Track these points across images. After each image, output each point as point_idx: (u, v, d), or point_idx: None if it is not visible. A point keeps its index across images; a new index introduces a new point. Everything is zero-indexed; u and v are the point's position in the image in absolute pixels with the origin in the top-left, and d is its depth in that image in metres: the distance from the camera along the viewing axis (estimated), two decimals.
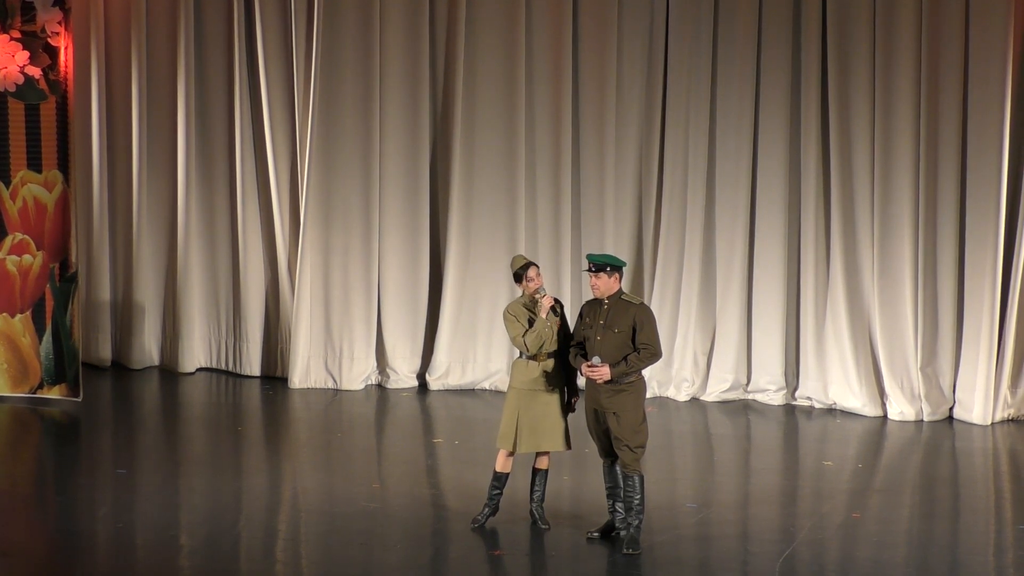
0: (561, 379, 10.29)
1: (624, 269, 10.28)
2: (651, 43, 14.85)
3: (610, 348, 9.93)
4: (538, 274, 10.29)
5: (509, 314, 10.33)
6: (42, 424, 13.56)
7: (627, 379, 9.95)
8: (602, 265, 10.02)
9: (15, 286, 13.87)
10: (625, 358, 9.89)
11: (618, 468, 10.09)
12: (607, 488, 10.20)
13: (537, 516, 10.39)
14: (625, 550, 9.88)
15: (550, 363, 10.25)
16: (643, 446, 9.99)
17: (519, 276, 10.31)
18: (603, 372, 9.88)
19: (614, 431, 9.96)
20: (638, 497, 9.94)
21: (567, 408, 10.34)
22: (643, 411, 10.04)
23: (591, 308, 10.16)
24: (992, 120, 13.81)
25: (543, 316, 10.17)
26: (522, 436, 10.26)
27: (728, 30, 14.64)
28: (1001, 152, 13.78)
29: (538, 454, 10.40)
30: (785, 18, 14.50)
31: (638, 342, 9.93)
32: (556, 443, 10.30)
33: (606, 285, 10.04)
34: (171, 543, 9.98)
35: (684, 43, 14.73)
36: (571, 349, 10.20)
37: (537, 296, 10.23)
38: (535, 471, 10.43)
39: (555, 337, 10.22)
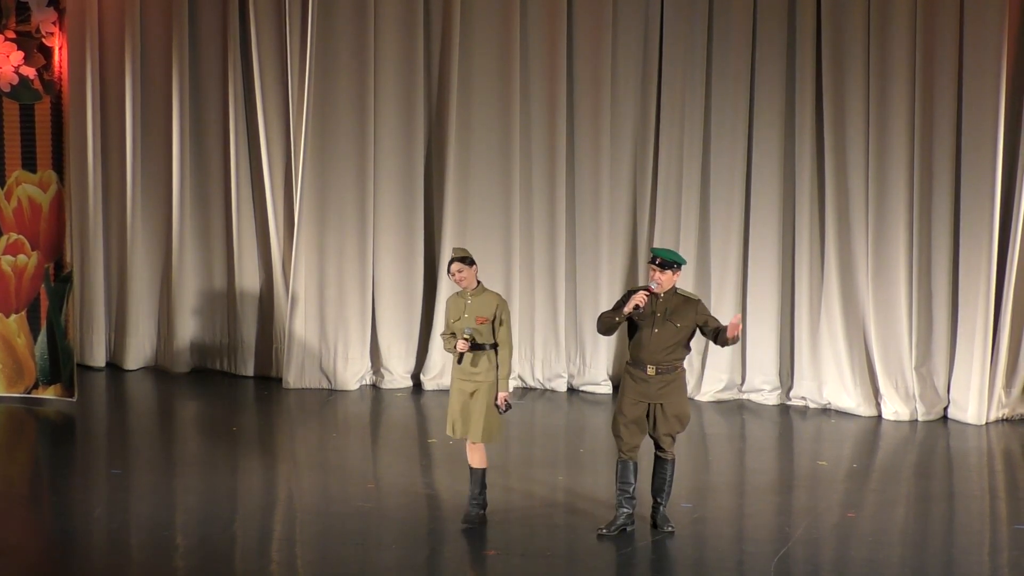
0: (491, 373, 10.38)
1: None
2: (646, 42, 14.85)
3: (664, 342, 10.19)
4: (460, 270, 10.35)
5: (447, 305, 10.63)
6: (37, 424, 13.56)
7: (675, 371, 10.24)
8: (669, 263, 10.25)
9: (10, 286, 13.87)
10: (725, 339, 10.15)
11: (631, 465, 10.25)
12: (619, 486, 10.28)
13: (471, 515, 10.43)
14: (666, 529, 10.32)
15: (473, 356, 10.36)
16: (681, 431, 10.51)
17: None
18: (737, 323, 10.08)
19: (661, 423, 10.26)
20: (670, 481, 10.39)
21: (495, 404, 10.42)
22: (687, 400, 10.47)
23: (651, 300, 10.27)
24: (986, 120, 13.80)
25: (456, 347, 10.34)
26: (457, 423, 10.48)
27: (723, 28, 14.64)
28: (995, 151, 13.77)
29: (468, 452, 10.51)
30: (780, 16, 14.50)
31: (710, 328, 10.26)
32: (475, 434, 10.39)
33: (670, 281, 10.30)
34: (166, 543, 9.98)
35: (679, 42, 14.73)
36: (608, 313, 10.29)
37: (463, 337, 10.32)
38: (470, 469, 10.51)
39: (482, 330, 10.34)
